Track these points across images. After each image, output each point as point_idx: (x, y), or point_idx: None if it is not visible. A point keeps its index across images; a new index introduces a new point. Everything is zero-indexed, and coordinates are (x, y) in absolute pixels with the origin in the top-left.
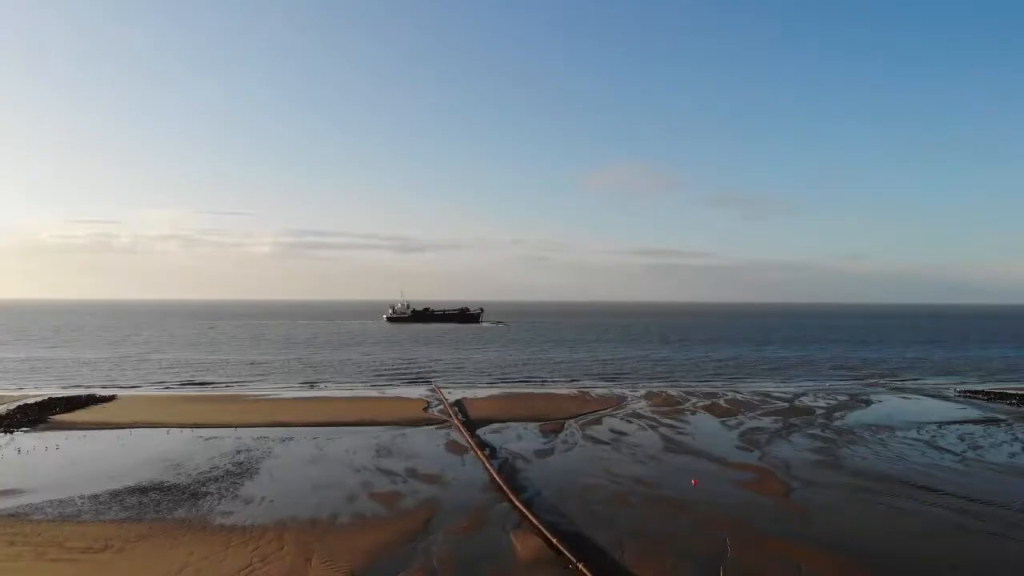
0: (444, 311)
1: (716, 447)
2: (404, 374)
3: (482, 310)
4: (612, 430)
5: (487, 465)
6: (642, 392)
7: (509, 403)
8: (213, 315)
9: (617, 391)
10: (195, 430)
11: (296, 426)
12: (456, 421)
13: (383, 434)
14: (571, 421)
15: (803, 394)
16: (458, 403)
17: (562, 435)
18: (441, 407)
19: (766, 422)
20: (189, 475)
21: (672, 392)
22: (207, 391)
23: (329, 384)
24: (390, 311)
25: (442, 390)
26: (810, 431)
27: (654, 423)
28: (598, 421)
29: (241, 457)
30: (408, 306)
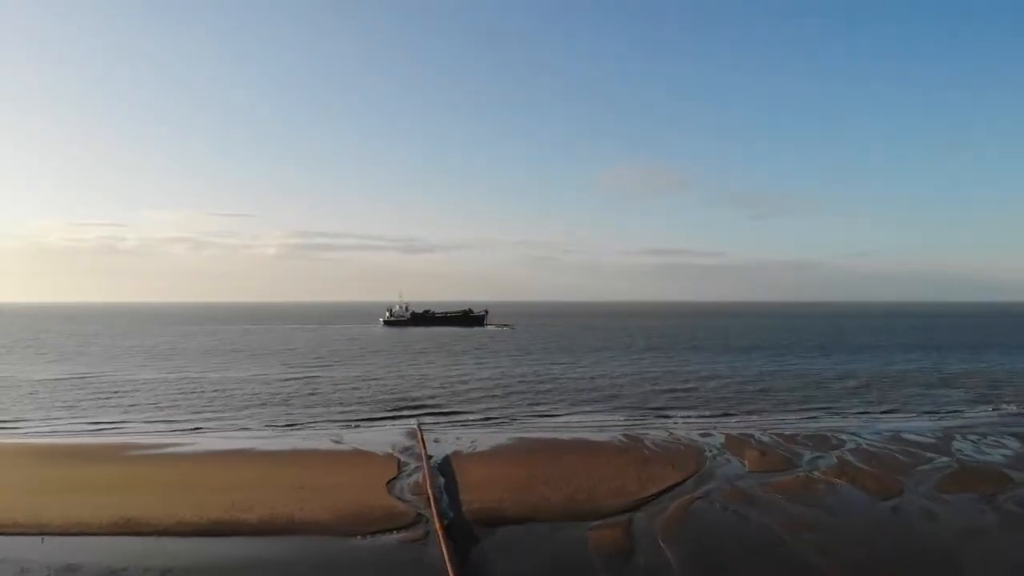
0: (446, 313)
1: None
2: (380, 404)
3: (487, 311)
4: (722, 544)
5: None
6: (720, 438)
7: (526, 467)
8: (207, 319)
9: (681, 435)
10: None
11: (151, 535)
12: (437, 522)
13: (298, 566)
14: (639, 515)
15: (950, 436)
16: (446, 466)
17: (637, 564)
18: (418, 475)
19: (965, 507)
20: None
21: (762, 437)
22: (99, 437)
23: (275, 424)
24: (387, 314)
25: (426, 435)
26: None
27: (785, 518)
28: (684, 514)
29: None
30: (407, 308)
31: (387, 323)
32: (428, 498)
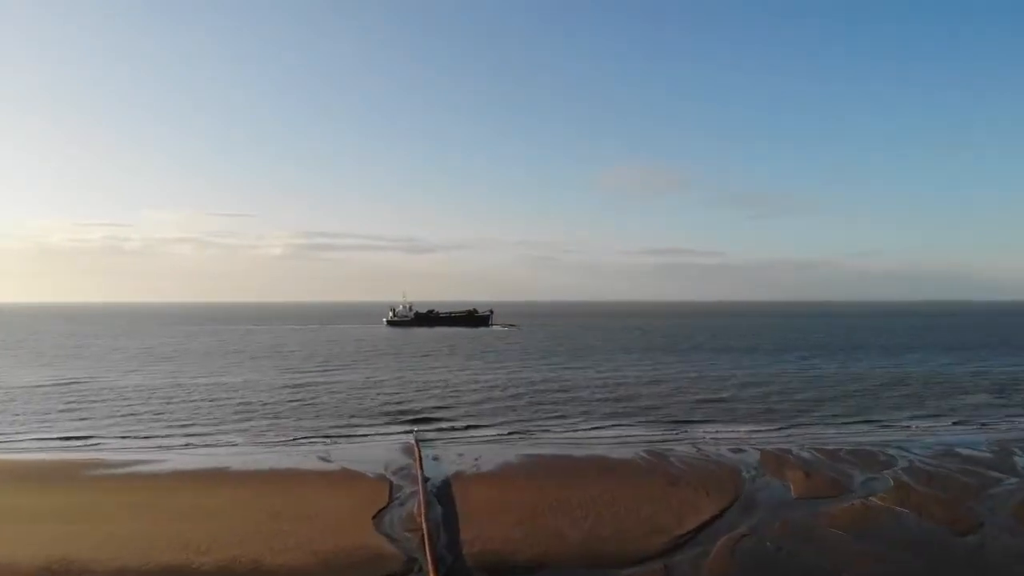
0: (450, 313)
1: None
2: (378, 413)
3: (491, 311)
4: None
5: None
6: (755, 455)
7: (537, 493)
8: (209, 319)
9: (710, 451)
10: None
11: None
12: (432, 571)
13: None
14: (678, 559)
15: (1008, 451)
16: (445, 491)
17: None
18: (413, 503)
19: None
20: None
21: (801, 453)
22: (64, 453)
23: (259, 437)
24: (390, 314)
25: (425, 451)
26: None
27: (852, 562)
28: (732, 558)
29: None
30: (410, 308)
31: (390, 323)
32: (423, 535)
